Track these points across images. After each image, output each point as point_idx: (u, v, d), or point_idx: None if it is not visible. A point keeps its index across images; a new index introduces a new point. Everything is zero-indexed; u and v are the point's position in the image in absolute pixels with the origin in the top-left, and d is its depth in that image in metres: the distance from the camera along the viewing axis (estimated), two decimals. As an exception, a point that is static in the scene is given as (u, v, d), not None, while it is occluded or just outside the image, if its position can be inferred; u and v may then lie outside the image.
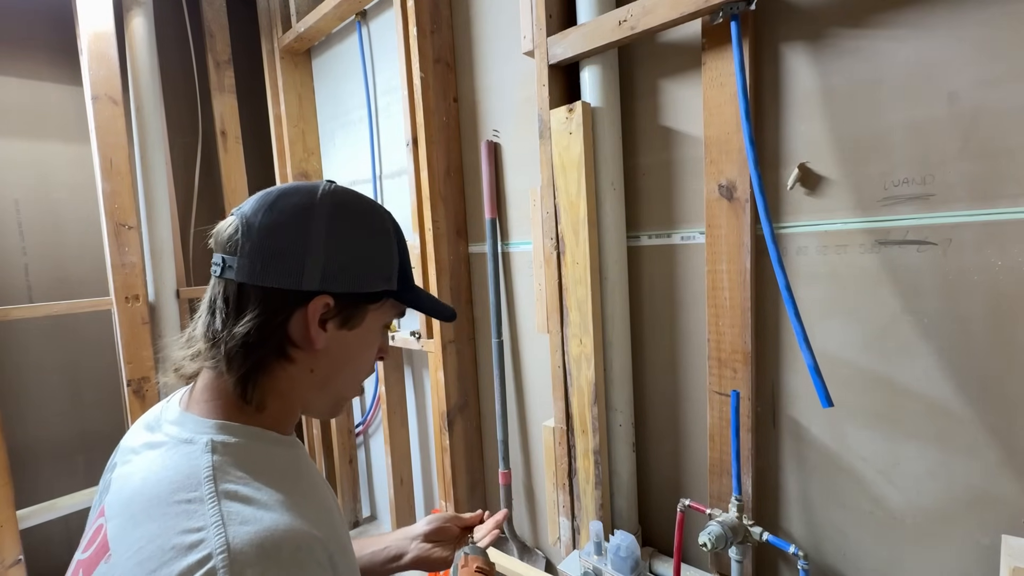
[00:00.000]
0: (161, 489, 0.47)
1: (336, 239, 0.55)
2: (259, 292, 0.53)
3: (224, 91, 2.33)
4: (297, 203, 0.55)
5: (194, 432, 0.52)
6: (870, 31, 0.89)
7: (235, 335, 0.52)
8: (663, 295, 1.23)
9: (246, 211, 0.55)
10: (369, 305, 0.59)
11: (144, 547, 0.43)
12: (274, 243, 0.53)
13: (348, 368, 0.61)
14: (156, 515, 0.45)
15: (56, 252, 2.03)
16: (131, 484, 0.49)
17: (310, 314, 0.54)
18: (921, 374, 0.89)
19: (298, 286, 0.53)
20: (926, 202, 0.86)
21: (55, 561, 2.04)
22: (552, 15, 1.22)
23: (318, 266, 0.54)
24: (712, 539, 0.98)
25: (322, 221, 0.54)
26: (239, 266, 0.53)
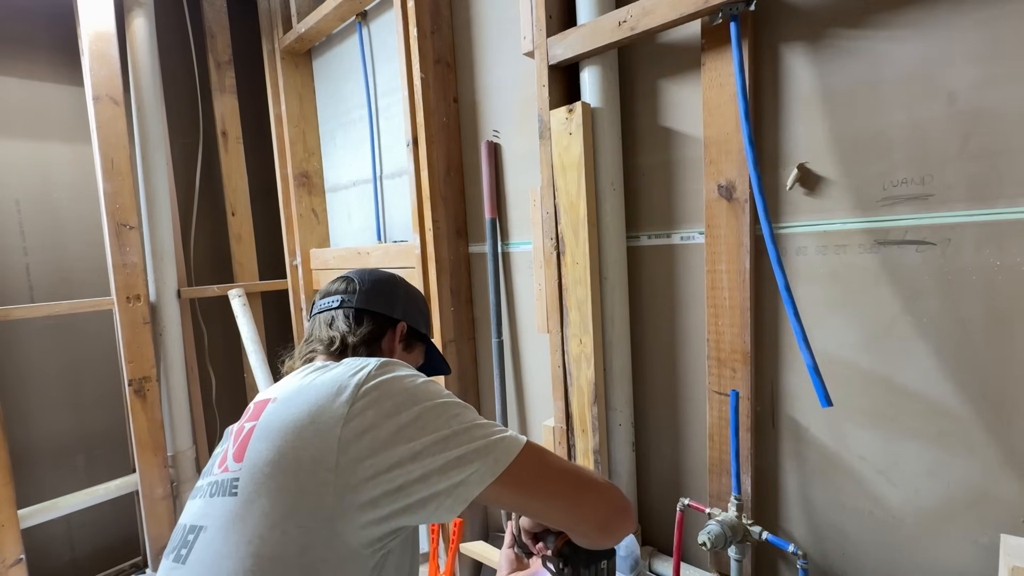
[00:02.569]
0: (316, 370, 0.67)
1: (408, 293, 0.91)
2: (371, 314, 0.84)
3: (225, 91, 2.33)
4: (384, 275, 0.90)
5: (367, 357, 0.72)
6: (869, 31, 0.89)
7: (359, 334, 0.81)
8: (663, 295, 1.23)
9: (354, 274, 0.88)
10: (418, 342, 0.92)
11: (316, 380, 0.63)
12: (378, 289, 0.87)
13: None
14: (312, 378, 0.64)
15: (57, 252, 2.03)
16: (297, 382, 0.66)
17: (398, 331, 0.86)
18: (920, 374, 0.90)
19: (391, 313, 0.86)
20: (925, 202, 0.86)
21: (56, 561, 2.05)
22: (552, 16, 1.22)
23: (400, 305, 0.87)
24: (711, 538, 0.98)
25: (401, 286, 0.90)
26: (358, 299, 0.84)
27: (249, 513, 0.55)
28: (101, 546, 2.15)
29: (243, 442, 0.61)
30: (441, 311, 1.61)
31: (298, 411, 0.60)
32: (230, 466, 0.60)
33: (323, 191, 2.28)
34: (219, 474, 0.62)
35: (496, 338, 1.58)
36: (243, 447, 0.61)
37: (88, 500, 1.95)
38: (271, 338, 2.47)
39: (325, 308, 0.84)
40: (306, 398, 0.61)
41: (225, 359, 2.43)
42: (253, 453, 0.59)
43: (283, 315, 2.47)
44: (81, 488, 1.98)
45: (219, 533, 0.57)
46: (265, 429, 0.60)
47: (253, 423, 0.62)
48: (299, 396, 0.62)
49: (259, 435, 0.60)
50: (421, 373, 0.68)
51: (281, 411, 0.61)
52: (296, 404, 0.61)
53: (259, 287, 2.40)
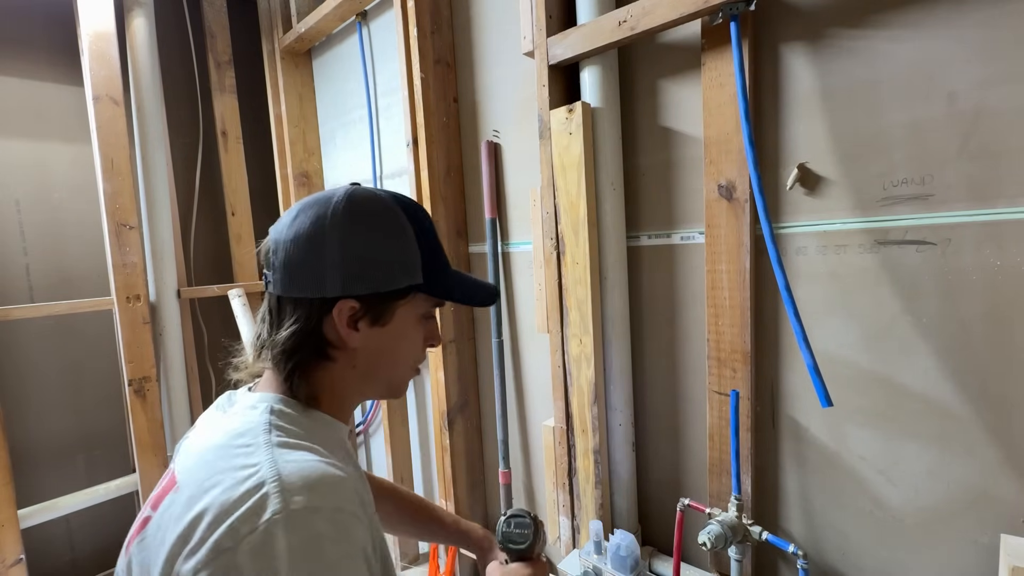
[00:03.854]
0: (227, 438, 0.54)
1: (350, 245, 0.58)
2: (291, 302, 0.59)
3: (225, 91, 2.33)
4: (313, 216, 0.59)
5: (258, 402, 0.59)
6: (869, 31, 0.89)
7: (277, 342, 0.59)
8: (663, 295, 1.23)
9: (277, 228, 0.61)
10: (397, 301, 0.62)
11: (208, 478, 0.50)
12: (296, 256, 0.58)
13: (389, 359, 0.65)
14: (220, 456, 0.52)
15: (57, 252, 2.03)
16: (202, 438, 0.57)
17: (336, 318, 0.58)
18: (920, 374, 0.90)
19: (322, 293, 0.58)
20: (925, 202, 0.86)
21: (56, 561, 2.05)
22: (552, 16, 1.22)
23: (337, 273, 0.58)
24: (712, 538, 0.98)
25: (335, 231, 0.58)
26: (274, 280, 0.59)
27: None
28: (101, 546, 2.15)
29: (135, 534, 0.54)
30: (441, 311, 1.61)
31: (163, 543, 0.48)
32: (123, 552, 0.55)
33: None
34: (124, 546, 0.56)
35: (496, 338, 1.58)
36: (131, 543, 0.54)
37: (88, 500, 1.94)
38: (271, 338, 2.47)
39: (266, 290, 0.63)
40: (179, 518, 0.49)
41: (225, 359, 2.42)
42: (127, 567, 0.53)
43: (283, 315, 2.47)
44: (81, 488, 1.98)
45: None
46: (144, 543, 0.52)
47: (150, 514, 0.53)
48: (180, 507, 0.49)
49: (139, 545, 0.52)
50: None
51: (161, 527, 0.50)
52: (171, 523, 0.49)
53: (259, 287, 2.39)
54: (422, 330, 0.67)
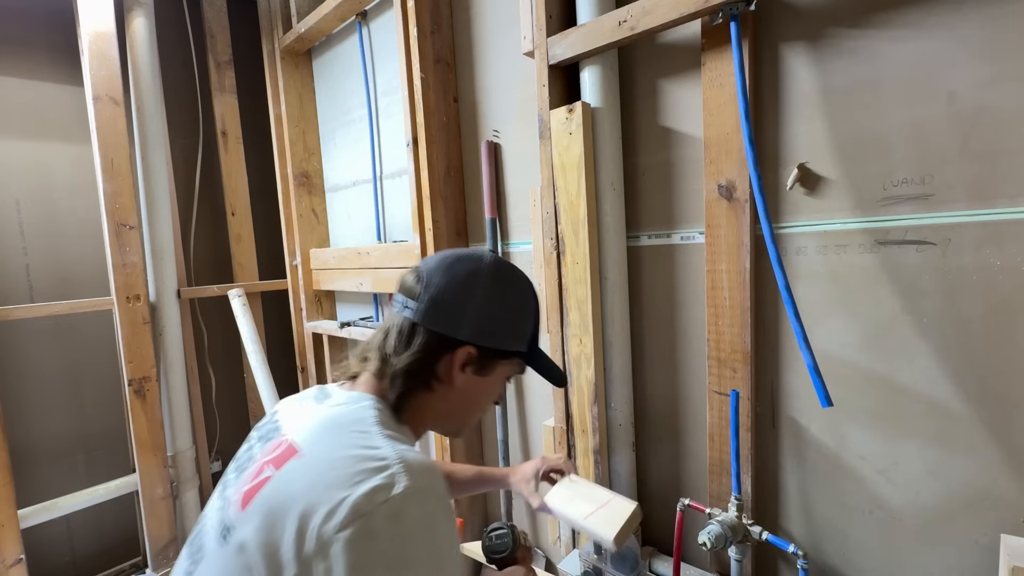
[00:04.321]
0: (342, 420, 0.63)
1: (490, 304, 0.70)
2: (425, 332, 0.68)
3: (225, 91, 2.33)
4: (467, 269, 0.70)
5: (362, 399, 0.67)
6: (870, 31, 0.89)
7: (402, 361, 0.67)
8: (663, 295, 1.23)
9: (428, 267, 0.70)
10: (500, 360, 0.73)
11: (334, 452, 0.57)
12: (444, 297, 0.68)
13: (472, 406, 0.76)
14: (340, 434, 0.60)
15: (57, 252, 2.03)
16: (315, 419, 0.64)
17: (456, 359, 0.68)
18: (920, 374, 0.90)
19: (454, 334, 0.68)
20: (925, 202, 0.86)
21: (56, 560, 2.05)
22: (552, 15, 1.22)
23: (471, 323, 0.68)
24: (712, 538, 0.98)
25: (483, 288, 0.69)
26: (415, 309, 0.68)
27: (226, 571, 0.54)
28: (101, 546, 2.15)
29: (254, 489, 0.57)
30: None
31: (294, 501, 0.53)
32: (234, 505, 0.58)
33: (323, 191, 2.28)
34: (232, 502, 0.59)
35: (496, 338, 1.58)
36: (251, 495, 0.57)
37: (88, 500, 1.95)
38: (271, 338, 2.47)
39: (393, 309, 0.73)
40: (309, 485, 0.54)
41: (225, 359, 2.43)
42: (249, 519, 0.55)
43: (283, 315, 2.47)
44: (81, 488, 1.98)
45: (207, 573, 0.57)
46: (269, 499, 0.55)
47: (272, 472, 0.58)
48: (309, 473, 0.55)
49: (264, 500, 0.55)
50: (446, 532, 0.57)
51: (289, 487, 0.55)
52: (300, 487, 0.54)
53: (259, 287, 2.40)
54: (499, 389, 0.78)
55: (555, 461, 1.07)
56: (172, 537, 2.03)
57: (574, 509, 0.97)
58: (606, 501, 0.98)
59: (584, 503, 0.97)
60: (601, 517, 0.94)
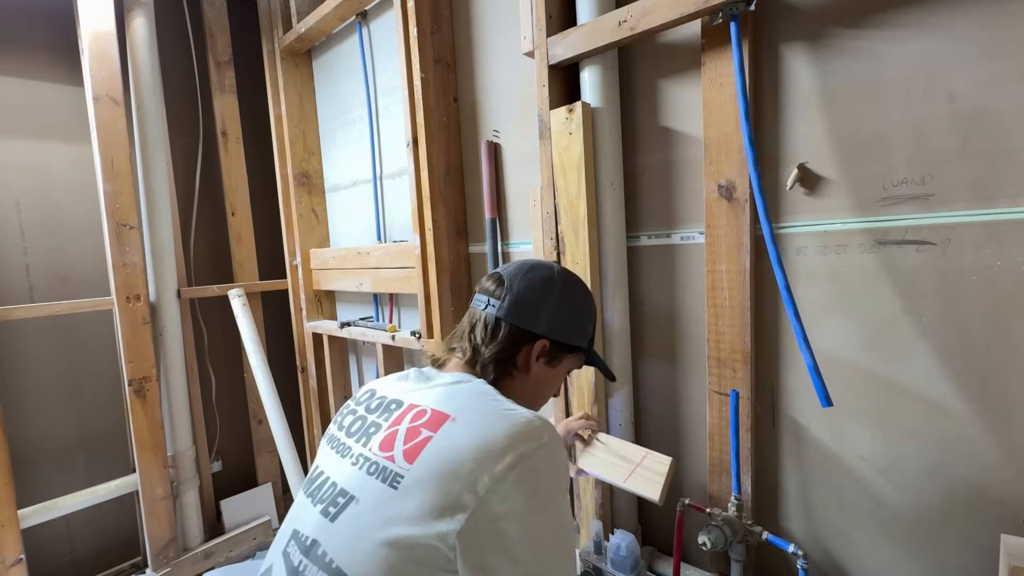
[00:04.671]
0: (476, 394, 0.74)
1: (565, 305, 0.83)
2: (508, 326, 0.80)
3: (225, 91, 2.33)
4: (542, 276, 0.83)
5: (470, 378, 0.78)
6: (870, 31, 0.89)
7: (491, 350, 0.79)
8: (663, 295, 1.23)
9: (511, 272, 0.84)
10: (567, 354, 0.85)
11: (485, 413, 0.69)
12: (525, 298, 0.81)
13: (541, 392, 0.87)
14: (482, 402, 0.72)
15: (57, 252, 2.03)
16: (443, 394, 0.74)
17: (534, 350, 0.81)
18: (920, 374, 0.90)
19: (532, 328, 0.80)
20: (925, 202, 0.86)
21: (56, 561, 2.04)
22: (552, 16, 1.22)
23: (547, 319, 0.81)
24: (712, 538, 0.98)
25: (556, 292, 0.83)
26: (500, 307, 0.81)
27: (402, 512, 0.62)
28: (101, 546, 2.15)
29: (417, 447, 0.66)
30: (441, 311, 1.61)
31: (466, 452, 0.63)
32: (398, 460, 0.66)
33: (323, 191, 2.28)
34: (380, 456, 0.68)
35: (496, 338, 1.58)
36: (416, 451, 0.65)
37: (88, 500, 1.94)
38: (271, 338, 2.47)
39: (476, 307, 0.84)
40: (476, 438, 0.64)
41: (225, 359, 2.43)
42: (423, 468, 0.63)
43: (283, 315, 2.47)
44: (81, 488, 1.98)
45: (370, 514, 0.64)
46: (439, 452, 0.64)
47: (430, 433, 0.66)
48: (472, 430, 0.66)
49: (434, 454, 0.64)
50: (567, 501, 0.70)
51: (456, 442, 0.65)
52: (467, 441, 0.64)
53: (259, 287, 2.39)
54: (561, 380, 0.90)
55: (578, 424, 1.14)
56: (172, 537, 2.03)
57: (612, 472, 1.03)
58: (640, 459, 1.02)
59: (620, 464, 1.03)
60: (641, 478, 1.00)
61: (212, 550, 2.14)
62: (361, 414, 0.79)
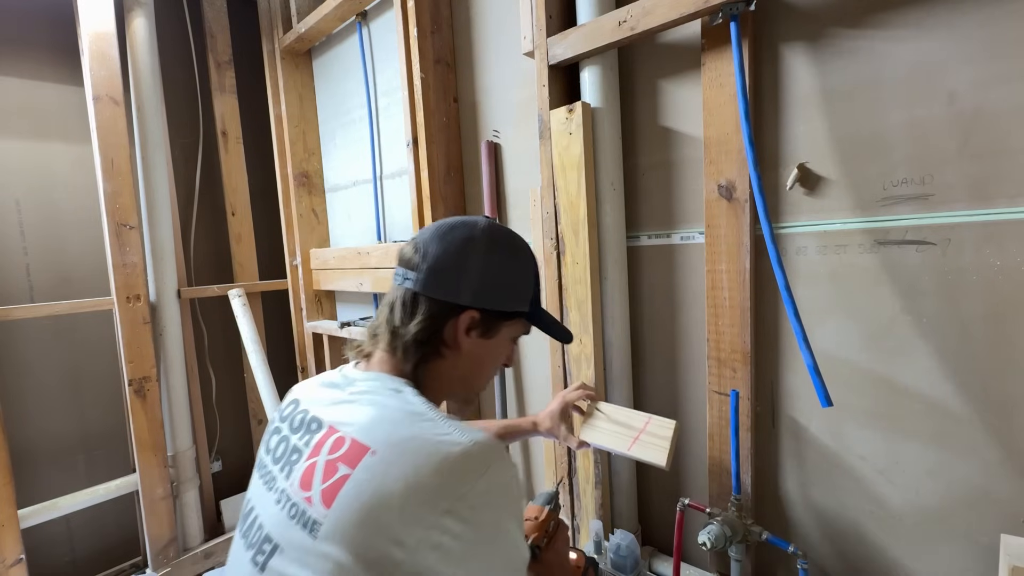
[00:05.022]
0: (401, 415, 0.63)
1: (490, 266, 0.71)
2: (427, 300, 0.69)
3: (225, 91, 2.33)
4: (462, 235, 0.71)
5: (396, 385, 0.68)
6: (869, 31, 0.89)
7: (409, 331, 0.69)
8: (663, 295, 1.23)
9: (425, 238, 0.72)
10: (505, 322, 0.74)
11: (410, 443, 0.58)
12: (442, 264, 0.69)
13: (481, 369, 0.77)
14: (408, 426, 0.61)
15: (57, 252, 2.03)
16: (365, 415, 0.64)
17: (460, 323, 0.70)
18: (920, 374, 0.90)
19: (456, 300, 0.69)
20: (925, 202, 0.86)
21: (56, 561, 2.04)
22: (552, 16, 1.22)
23: (471, 286, 0.70)
24: (712, 538, 0.98)
25: (479, 252, 0.71)
26: (416, 279, 0.70)
27: (323, 567, 0.55)
28: (101, 546, 2.15)
29: (334, 487, 0.57)
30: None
31: (390, 497, 0.55)
32: (316, 503, 0.57)
33: (323, 191, 2.28)
34: (299, 496, 0.60)
35: (496, 338, 1.58)
36: (333, 492, 0.57)
37: (88, 500, 1.95)
38: (271, 338, 2.47)
39: (394, 282, 0.74)
40: (401, 478, 0.56)
41: (225, 359, 2.43)
42: (342, 515, 0.55)
43: (283, 315, 2.47)
44: (81, 488, 1.98)
45: (294, 566, 0.57)
46: (359, 496, 0.56)
47: (348, 471, 0.57)
48: (396, 468, 0.56)
49: (353, 497, 0.56)
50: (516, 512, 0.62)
51: (378, 483, 0.56)
52: (391, 481, 0.55)
53: (259, 287, 2.40)
54: (506, 350, 0.79)
55: (575, 395, 1.09)
56: (172, 537, 2.03)
57: (615, 441, 0.99)
58: (644, 424, 0.99)
59: (623, 431, 0.99)
60: (645, 444, 0.97)
61: (212, 550, 2.14)
62: (285, 434, 0.70)
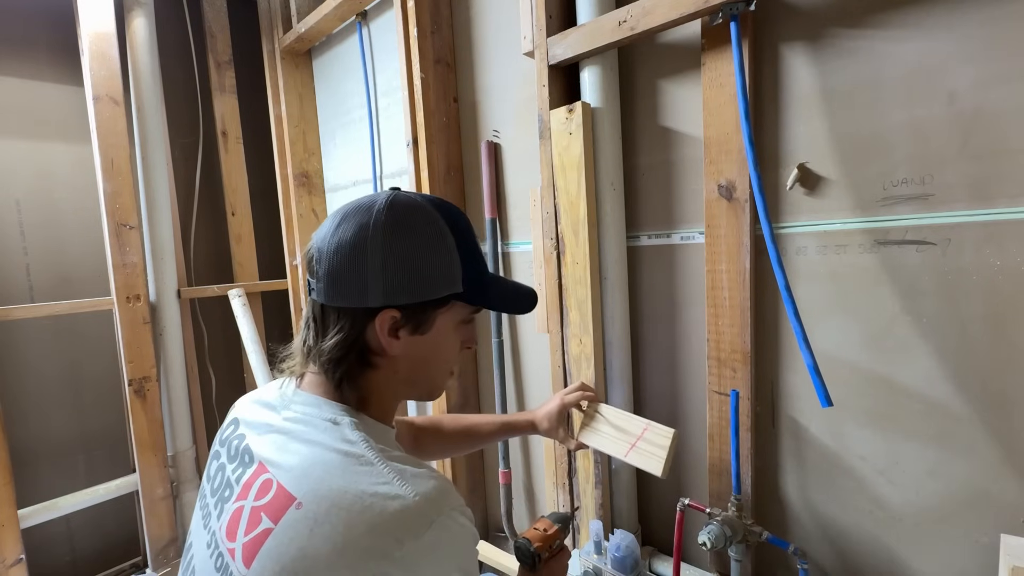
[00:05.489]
0: (335, 457, 0.56)
1: (393, 256, 0.59)
2: (335, 311, 0.61)
3: (225, 91, 2.33)
4: (355, 225, 0.60)
5: (334, 414, 0.60)
6: (869, 31, 0.89)
7: (323, 350, 0.60)
8: (663, 295, 1.23)
9: (320, 235, 0.62)
10: (437, 310, 0.64)
11: (342, 497, 0.52)
12: (339, 266, 0.59)
13: (429, 366, 0.67)
14: (341, 474, 0.54)
15: (57, 252, 2.03)
16: (295, 456, 0.57)
17: (380, 328, 0.60)
18: (920, 374, 0.90)
19: (365, 303, 0.59)
20: (925, 202, 0.86)
21: (56, 561, 2.05)
22: (552, 16, 1.22)
23: (379, 284, 0.59)
24: (712, 538, 0.98)
25: (378, 241, 0.59)
26: (318, 289, 0.61)
27: None
28: (101, 546, 2.15)
29: (256, 542, 0.52)
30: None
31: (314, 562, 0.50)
32: (238, 558, 0.53)
33: (323, 191, 2.28)
34: (225, 546, 0.55)
35: (496, 338, 1.58)
36: (254, 549, 0.52)
37: (88, 500, 1.95)
38: (271, 338, 2.47)
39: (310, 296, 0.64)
40: (328, 539, 0.50)
41: (225, 359, 2.43)
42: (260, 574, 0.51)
43: (283, 315, 2.48)
44: (81, 488, 1.98)
45: None
46: (279, 558, 0.50)
47: (271, 525, 0.52)
48: (323, 527, 0.51)
49: (273, 559, 0.51)
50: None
51: (302, 544, 0.50)
52: (317, 543, 0.50)
53: (259, 287, 2.40)
54: (460, 335, 0.69)
55: (573, 396, 1.07)
56: (172, 537, 2.03)
57: (613, 446, 0.99)
58: (641, 431, 0.98)
59: (621, 437, 0.99)
60: (642, 452, 0.96)
61: (212, 550, 2.13)
62: (223, 460, 0.64)
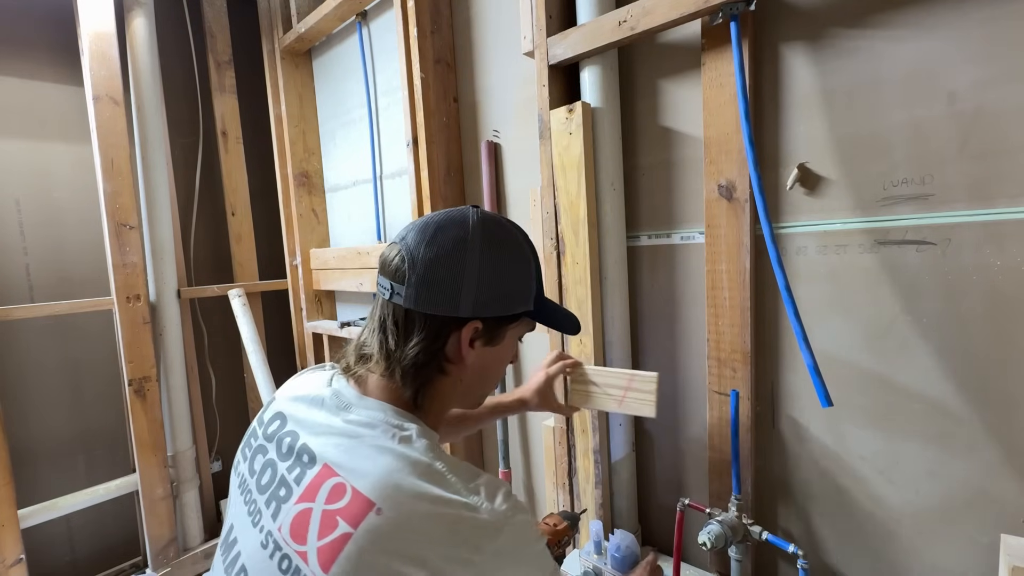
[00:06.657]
0: (408, 465, 0.56)
1: (487, 271, 0.63)
2: (423, 317, 0.62)
3: (225, 91, 2.33)
4: (453, 236, 0.63)
5: (400, 420, 0.61)
6: (869, 31, 0.89)
7: (407, 355, 0.62)
8: (663, 295, 1.23)
9: (410, 244, 0.63)
10: (509, 325, 0.68)
11: (419, 504, 0.53)
12: (435, 275, 0.61)
13: (487, 377, 0.72)
14: (416, 483, 0.55)
15: (57, 252, 2.03)
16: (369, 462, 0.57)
17: (463, 337, 0.63)
18: (920, 374, 0.90)
19: (455, 313, 0.62)
20: (925, 202, 0.86)
21: (56, 561, 2.05)
22: (552, 16, 1.22)
23: (471, 296, 0.62)
24: (712, 538, 0.98)
25: (475, 254, 0.62)
26: (407, 295, 0.62)
27: None
28: (101, 546, 2.15)
29: (334, 547, 0.52)
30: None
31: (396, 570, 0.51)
32: (312, 562, 0.52)
33: (323, 191, 2.28)
34: (291, 548, 0.54)
35: (496, 338, 1.58)
36: (332, 554, 0.51)
37: (88, 500, 1.95)
38: (271, 338, 2.47)
39: (380, 294, 0.66)
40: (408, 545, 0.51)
41: (225, 359, 2.43)
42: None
43: (283, 315, 2.47)
44: (81, 488, 1.98)
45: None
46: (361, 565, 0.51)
47: (349, 530, 0.52)
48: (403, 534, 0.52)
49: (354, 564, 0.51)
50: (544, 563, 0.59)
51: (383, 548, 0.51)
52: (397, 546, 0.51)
53: (259, 287, 2.40)
54: (512, 350, 0.73)
55: (556, 367, 1.07)
56: (172, 537, 2.03)
57: (604, 402, 1.06)
58: (628, 382, 1.04)
59: (610, 392, 1.05)
60: (633, 400, 1.02)
61: (212, 550, 2.14)
62: (271, 457, 0.64)
